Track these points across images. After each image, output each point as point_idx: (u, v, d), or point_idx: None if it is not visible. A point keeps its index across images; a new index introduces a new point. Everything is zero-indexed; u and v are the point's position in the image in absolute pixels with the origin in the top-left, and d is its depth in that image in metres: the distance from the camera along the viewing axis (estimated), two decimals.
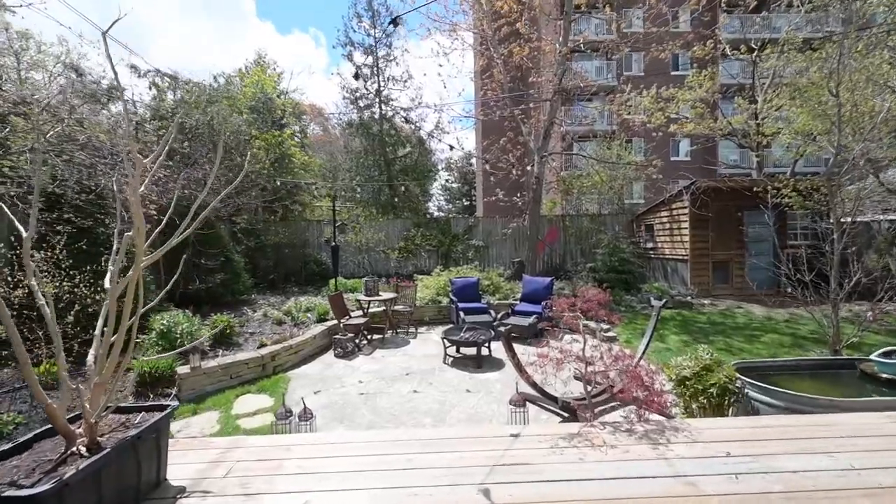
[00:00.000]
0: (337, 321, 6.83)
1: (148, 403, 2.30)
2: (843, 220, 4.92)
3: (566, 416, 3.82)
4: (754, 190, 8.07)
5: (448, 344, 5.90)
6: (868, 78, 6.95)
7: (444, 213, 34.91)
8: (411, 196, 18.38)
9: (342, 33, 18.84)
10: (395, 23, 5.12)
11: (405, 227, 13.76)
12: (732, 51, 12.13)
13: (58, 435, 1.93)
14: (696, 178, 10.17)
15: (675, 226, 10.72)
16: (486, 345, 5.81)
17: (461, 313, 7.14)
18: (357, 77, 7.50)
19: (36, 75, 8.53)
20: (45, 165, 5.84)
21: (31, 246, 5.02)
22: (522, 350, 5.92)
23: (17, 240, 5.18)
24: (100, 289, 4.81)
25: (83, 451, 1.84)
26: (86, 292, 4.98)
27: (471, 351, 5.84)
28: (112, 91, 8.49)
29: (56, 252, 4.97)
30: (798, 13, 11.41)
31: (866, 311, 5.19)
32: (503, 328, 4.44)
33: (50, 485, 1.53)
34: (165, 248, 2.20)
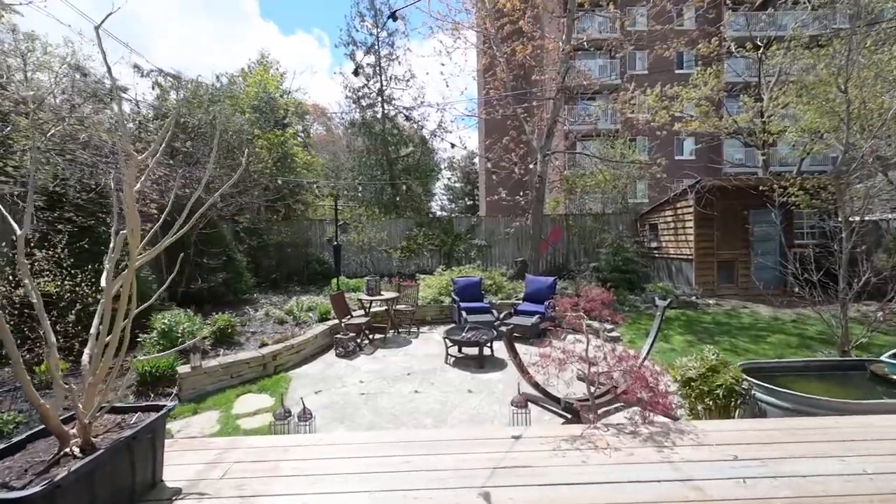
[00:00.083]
0: (338, 321, 6.80)
1: (144, 403, 2.27)
2: (851, 218, 4.83)
3: (569, 417, 3.76)
4: (760, 189, 7.95)
5: (450, 344, 5.85)
6: (877, 74, 6.84)
7: (446, 212, 34.86)
8: (414, 195, 18.34)
9: (344, 33, 18.81)
10: (394, 17, 5.10)
11: (407, 226, 13.72)
12: (738, 48, 12.00)
13: (52, 435, 1.91)
14: (700, 176, 10.06)
15: (679, 225, 10.62)
16: (489, 345, 5.76)
17: (463, 313, 7.10)
18: (356, 73, 7.48)
19: (42, 76, 8.56)
20: (48, 164, 5.86)
21: (34, 245, 5.04)
22: (525, 350, 5.87)
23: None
24: (101, 288, 4.81)
25: (77, 451, 1.81)
26: (87, 291, 4.98)
27: (473, 351, 5.79)
28: (117, 90, 8.49)
29: (57, 251, 4.98)
30: (804, 10, 11.25)
31: (876, 311, 5.10)
32: (505, 328, 4.39)
33: (40, 487, 1.50)
34: (160, 247, 2.17)
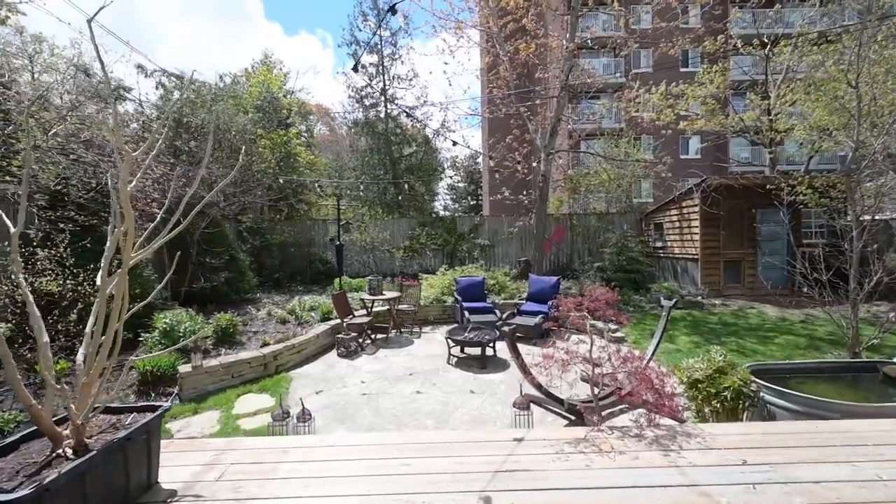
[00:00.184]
0: (340, 320, 6.77)
1: (140, 404, 2.24)
2: (863, 217, 4.73)
3: (572, 419, 3.70)
4: (768, 187, 7.84)
5: (452, 344, 5.80)
6: (888, 70, 6.71)
7: (449, 212, 34.80)
8: (416, 195, 18.32)
9: (347, 32, 18.82)
10: (393, 10, 5.05)
11: (410, 226, 13.68)
12: (744, 46, 11.84)
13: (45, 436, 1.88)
14: (706, 175, 9.94)
15: (685, 224, 10.50)
16: (491, 345, 5.70)
17: (466, 313, 7.05)
18: (356, 69, 7.43)
19: (49, 77, 8.62)
20: (52, 164, 5.88)
21: (37, 244, 5.04)
22: (528, 350, 5.78)
23: (21, 237, 5.20)
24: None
25: (69, 453, 1.78)
26: (89, 290, 4.97)
27: (475, 351, 5.74)
28: (119, 90, 8.53)
29: (60, 250, 4.98)
30: (812, 7, 11.08)
31: (887, 311, 4.99)
32: (507, 328, 4.33)
33: (28, 490, 1.46)
34: (154, 246, 2.14)
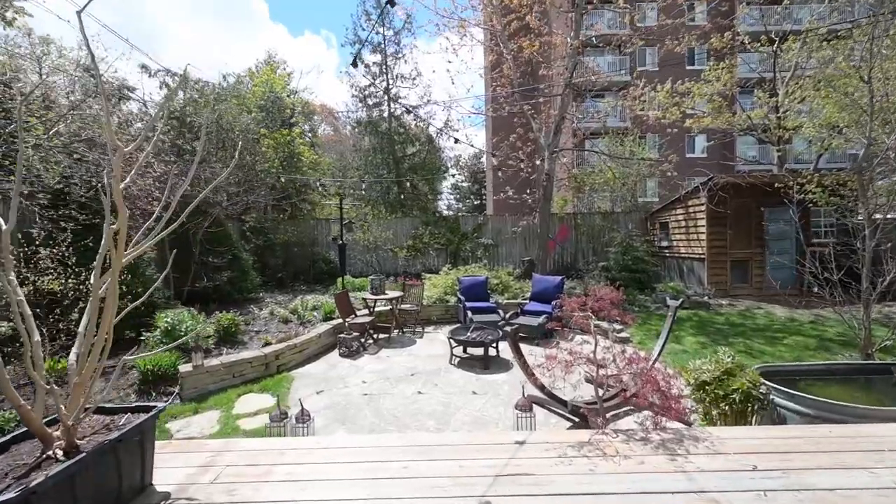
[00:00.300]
0: (342, 320, 6.74)
1: (134, 404, 2.20)
2: (875, 215, 4.60)
3: (576, 421, 3.63)
4: (776, 186, 7.71)
5: (454, 344, 5.74)
6: None
7: (453, 211, 34.73)
8: (420, 194, 18.28)
9: (351, 31, 18.83)
10: (391, 2, 4.99)
11: (413, 225, 13.63)
12: (751, 42, 11.66)
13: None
14: (712, 174, 9.80)
15: (691, 223, 10.36)
16: (494, 345, 5.64)
17: (469, 312, 6.99)
18: (355, 64, 7.39)
19: (56, 79, 8.65)
20: (56, 164, 5.89)
21: (39, 243, 5.04)
22: (531, 351, 5.74)
23: (24, 237, 5.21)
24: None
25: (60, 454, 1.75)
26: (91, 289, 4.97)
27: (478, 351, 5.68)
28: (122, 90, 8.55)
29: (62, 249, 4.98)
30: (821, 2, 10.89)
31: None
32: (510, 328, 4.26)
33: (14, 493, 1.42)
34: (146, 245, 2.10)
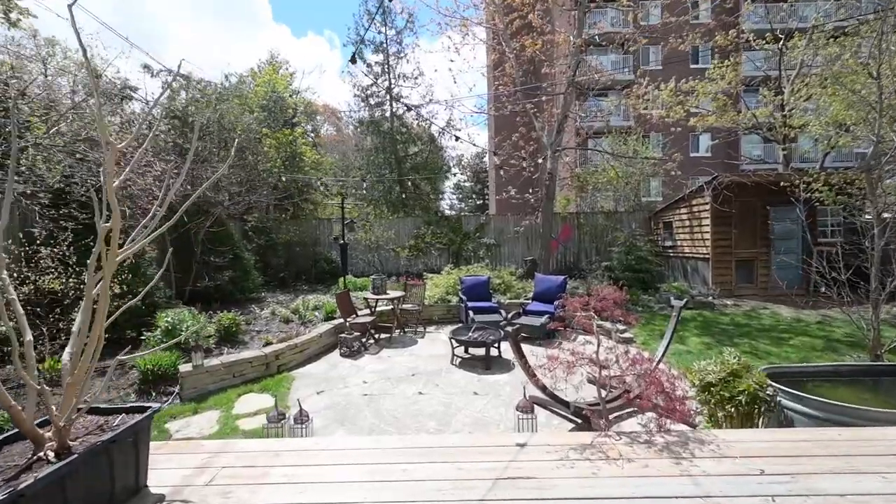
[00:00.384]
0: (343, 320, 6.71)
1: (129, 405, 2.17)
2: (884, 214, 4.52)
3: (578, 422, 3.58)
4: (781, 184, 7.62)
5: (456, 344, 5.70)
6: None
7: (455, 211, 34.68)
8: (422, 194, 18.24)
9: (353, 31, 18.84)
10: None
11: (415, 225, 13.60)
12: (757, 40, 11.54)
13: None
14: (717, 173, 9.70)
15: (695, 223, 10.27)
16: (496, 345, 5.59)
17: (470, 312, 6.94)
18: (353, 61, 7.39)
19: (62, 80, 8.68)
20: (58, 163, 5.89)
21: (40, 242, 5.03)
22: (533, 351, 5.69)
23: (25, 237, 5.21)
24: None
25: (51, 456, 1.72)
26: None
27: (479, 351, 5.63)
28: (125, 90, 8.57)
29: (63, 248, 4.98)
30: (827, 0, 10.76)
31: None
32: (511, 328, 4.21)
33: (2, 496, 1.39)
34: (143, 243, 2.07)
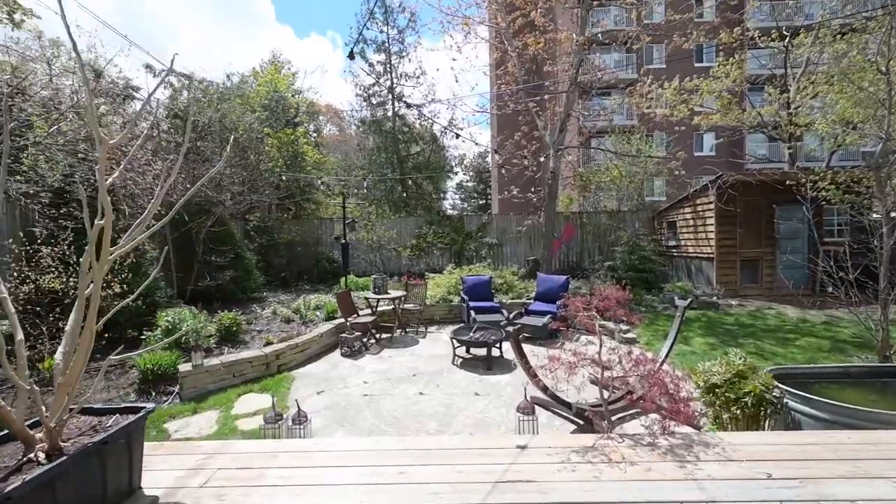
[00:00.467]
0: (344, 320, 6.68)
1: (123, 405, 2.15)
2: (893, 213, 4.44)
3: (580, 423, 3.52)
4: (787, 183, 7.52)
5: (457, 344, 5.65)
6: None
7: (458, 210, 34.61)
8: (424, 193, 18.20)
9: (355, 31, 18.80)
10: None
11: (417, 224, 13.57)
12: (762, 38, 11.43)
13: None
14: (721, 172, 9.60)
15: (699, 222, 10.18)
16: (497, 345, 5.54)
17: (472, 312, 6.89)
18: (352, 57, 7.37)
19: (66, 80, 8.72)
20: (59, 163, 5.90)
21: (41, 241, 5.02)
22: (535, 352, 5.64)
23: (26, 236, 5.21)
24: (104, 285, 4.78)
25: (42, 457, 1.69)
26: None
27: (481, 352, 5.58)
28: (127, 90, 8.58)
29: (63, 248, 4.97)
30: None
31: None
32: (512, 328, 4.16)
33: None
34: (137, 241, 2.04)
